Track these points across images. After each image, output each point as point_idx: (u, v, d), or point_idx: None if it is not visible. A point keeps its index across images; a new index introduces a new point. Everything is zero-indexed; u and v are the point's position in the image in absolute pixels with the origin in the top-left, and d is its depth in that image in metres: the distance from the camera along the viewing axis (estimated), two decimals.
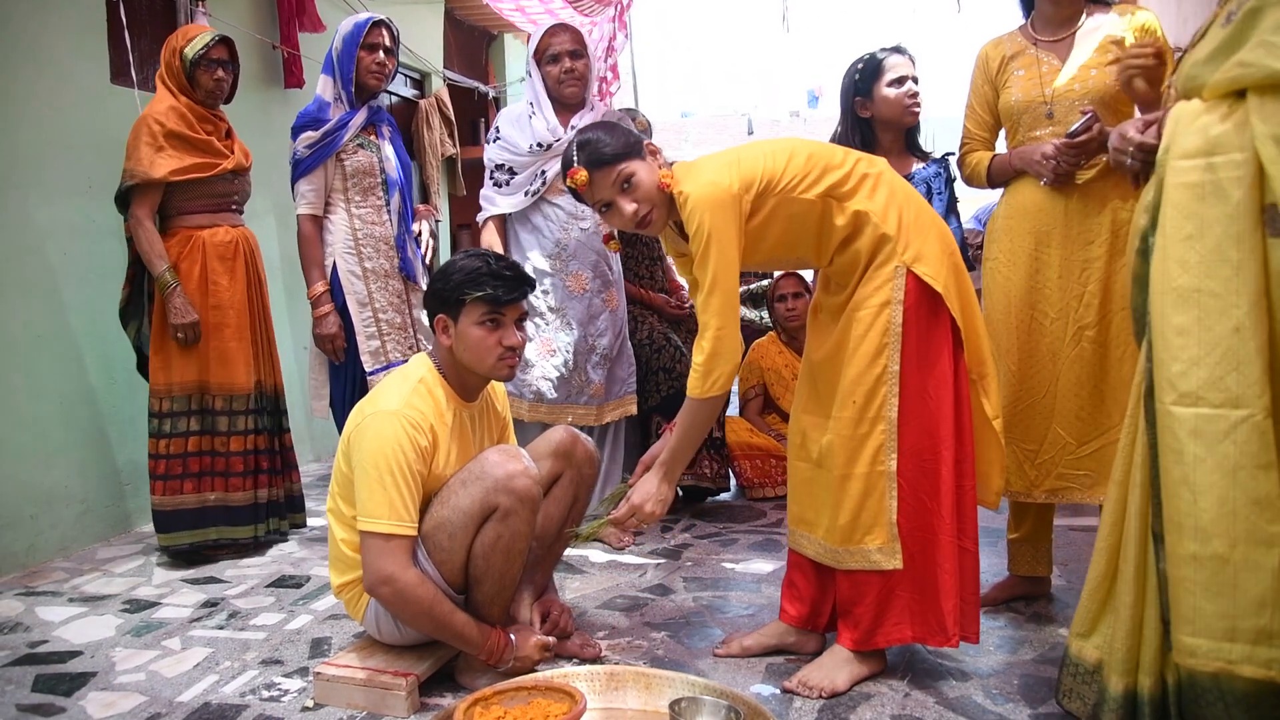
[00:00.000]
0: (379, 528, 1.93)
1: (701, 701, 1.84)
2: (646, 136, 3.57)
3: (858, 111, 2.69)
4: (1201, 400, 1.44)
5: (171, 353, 3.03)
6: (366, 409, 2.04)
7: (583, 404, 3.13)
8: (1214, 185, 1.45)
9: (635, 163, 1.99)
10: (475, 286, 2.03)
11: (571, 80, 3.03)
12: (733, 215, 1.93)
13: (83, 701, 2.08)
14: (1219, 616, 1.42)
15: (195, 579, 2.92)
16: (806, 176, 1.98)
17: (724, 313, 1.94)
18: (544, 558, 2.32)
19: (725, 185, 1.93)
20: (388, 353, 3.09)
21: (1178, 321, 1.48)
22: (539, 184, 3.02)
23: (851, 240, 2.00)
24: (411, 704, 1.98)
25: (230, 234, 3.10)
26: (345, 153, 3.06)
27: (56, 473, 3.20)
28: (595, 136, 2.00)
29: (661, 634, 2.37)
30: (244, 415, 3.09)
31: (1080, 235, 2.30)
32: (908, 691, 2.01)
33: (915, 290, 1.95)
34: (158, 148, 2.93)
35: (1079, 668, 1.73)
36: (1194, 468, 1.44)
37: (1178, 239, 1.48)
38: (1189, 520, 1.45)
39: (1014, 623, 2.38)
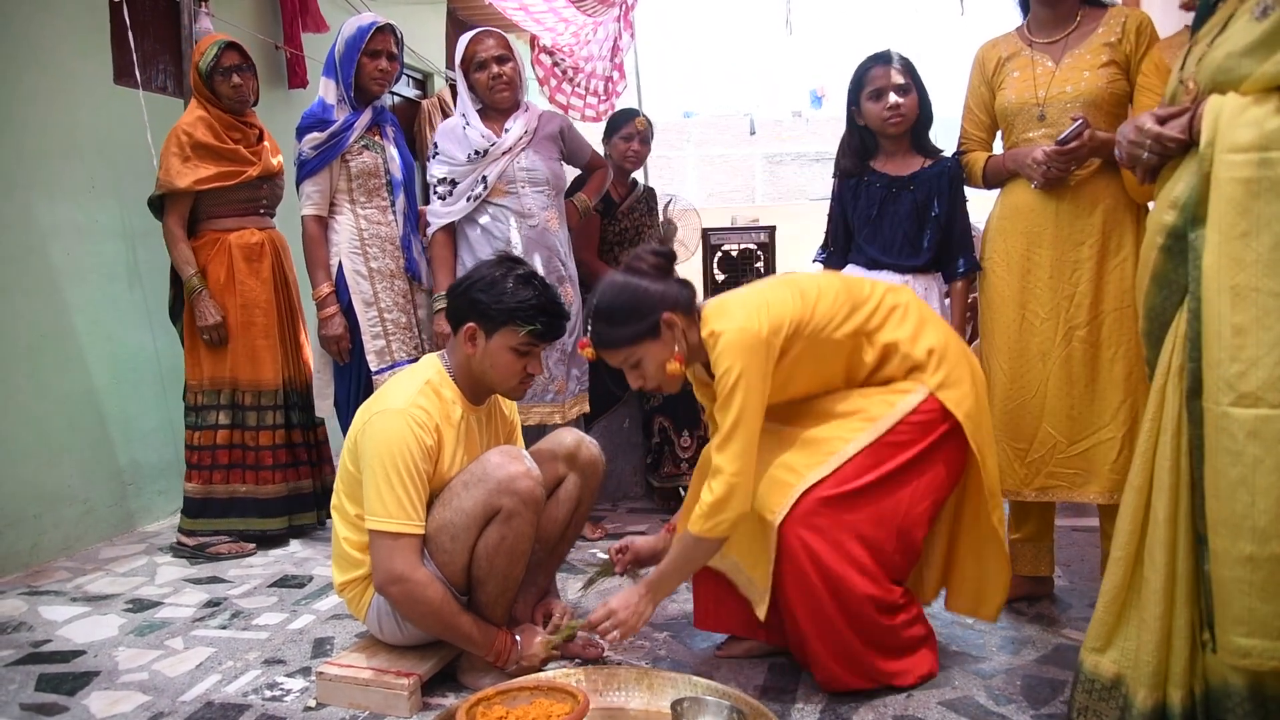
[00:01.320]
0: (388, 526, 1.94)
1: (704, 702, 1.84)
2: (649, 137, 3.59)
3: (855, 120, 2.70)
4: (1260, 401, 1.41)
5: (202, 350, 3.15)
6: (373, 408, 2.05)
7: (548, 401, 3.12)
8: (1270, 181, 1.41)
9: (644, 347, 1.96)
10: (526, 319, 2.03)
11: (501, 85, 3.02)
12: (762, 360, 1.91)
13: (86, 701, 2.09)
14: (1274, 617, 1.41)
15: (198, 579, 2.93)
16: (835, 317, 1.99)
17: (742, 458, 1.89)
18: (547, 559, 2.33)
19: (755, 330, 1.91)
20: (393, 353, 3.09)
21: (1236, 321, 1.44)
22: (480, 188, 3.01)
23: (881, 367, 2.03)
24: (414, 704, 1.98)
25: (257, 235, 3.19)
26: (350, 154, 3.06)
27: (60, 472, 3.21)
28: (606, 316, 1.98)
29: (664, 634, 2.37)
30: (272, 410, 3.19)
31: (1070, 236, 2.31)
32: (910, 692, 2.01)
33: (929, 411, 1.96)
34: (184, 158, 3.05)
35: (1095, 683, 1.67)
36: (1253, 469, 1.41)
37: (1232, 236, 1.44)
38: (1246, 522, 1.42)
39: (1016, 624, 2.38)
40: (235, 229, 3.16)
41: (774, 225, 6.14)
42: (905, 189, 2.65)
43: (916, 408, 1.96)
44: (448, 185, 3.04)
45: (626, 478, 3.79)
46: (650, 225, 3.76)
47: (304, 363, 3.32)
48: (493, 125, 3.06)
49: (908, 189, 2.65)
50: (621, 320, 1.96)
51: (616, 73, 5.39)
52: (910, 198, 2.64)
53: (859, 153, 2.72)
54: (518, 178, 3.04)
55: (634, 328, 1.95)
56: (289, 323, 3.30)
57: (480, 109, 3.09)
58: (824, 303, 1.98)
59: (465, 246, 3.07)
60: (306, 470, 3.30)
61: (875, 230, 2.69)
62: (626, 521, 3.44)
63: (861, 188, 2.70)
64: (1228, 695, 1.49)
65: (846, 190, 2.75)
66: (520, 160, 3.04)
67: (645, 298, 1.96)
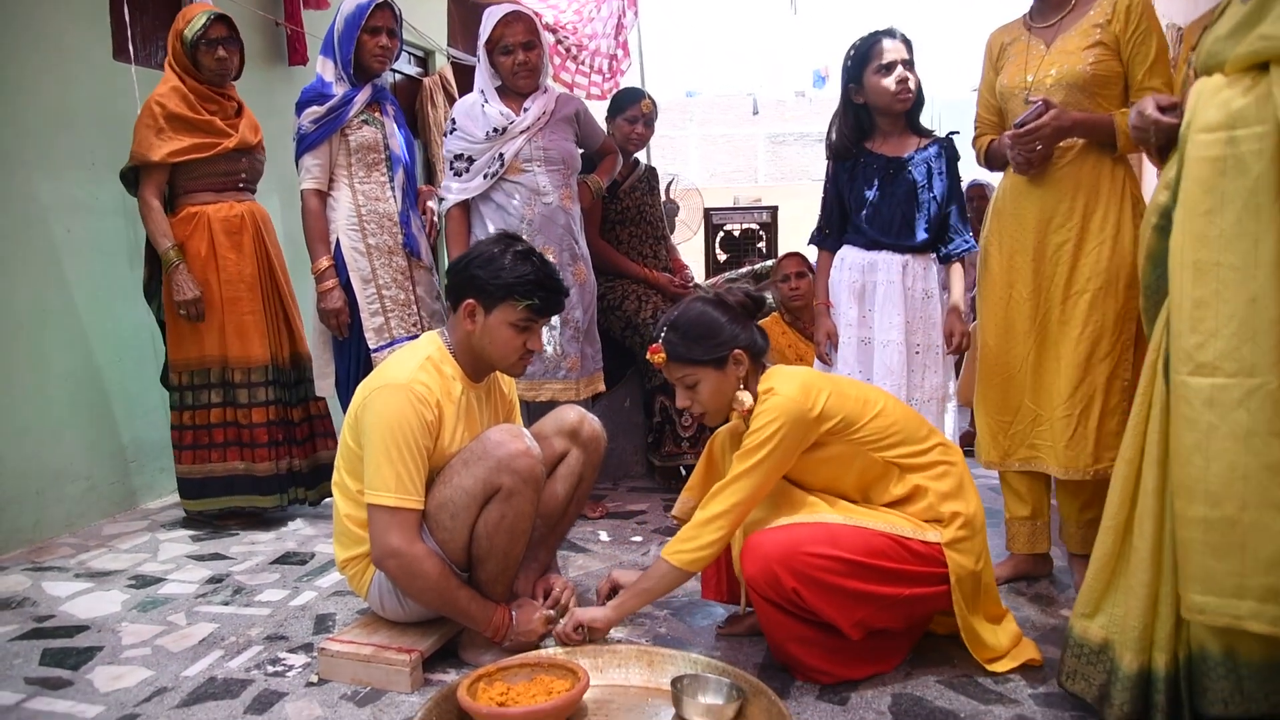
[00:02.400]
0: (386, 501, 1.94)
1: (704, 679, 1.85)
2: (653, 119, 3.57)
3: (852, 98, 2.68)
4: (1218, 370, 1.46)
5: (186, 329, 3.11)
6: (374, 383, 2.05)
7: (560, 378, 3.12)
8: (1235, 159, 1.45)
9: (707, 372, 2.01)
10: (524, 293, 2.03)
11: (525, 72, 3.01)
12: (800, 434, 1.93)
13: (90, 675, 2.10)
14: (1228, 575, 1.46)
15: (200, 555, 2.94)
16: (883, 439, 1.98)
17: (741, 505, 1.93)
18: (548, 536, 2.33)
19: (808, 406, 1.93)
20: (391, 329, 3.08)
21: (1196, 295, 1.49)
22: (497, 165, 3.01)
23: (902, 504, 2.02)
24: (415, 680, 1.99)
25: (236, 209, 3.14)
26: (350, 128, 3.05)
27: (62, 450, 3.22)
28: (685, 329, 2.01)
29: (664, 612, 2.38)
30: (263, 387, 3.16)
31: (1052, 219, 2.36)
32: (909, 671, 2.02)
33: (936, 553, 1.94)
34: (157, 130, 2.99)
35: (1084, 648, 1.74)
36: (1207, 435, 1.47)
37: (1198, 213, 1.49)
38: (1200, 485, 1.48)
39: (1016, 604, 2.38)
40: (214, 203, 3.11)
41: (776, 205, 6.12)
42: (903, 170, 2.64)
43: (928, 542, 1.95)
44: (464, 162, 3.04)
45: (628, 457, 3.80)
46: (652, 205, 3.74)
47: (294, 337, 3.29)
48: (511, 104, 3.05)
49: (905, 170, 2.64)
50: (695, 339, 2.01)
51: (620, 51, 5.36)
52: (908, 178, 2.63)
53: (854, 132, 2.70)
54: (534, 157, 3.04)
55: (705, 352, 2.00)
56: (274, 298, 3.25)
57: (499, 87, 3.08)
58: (881, 420, 1.99)
59: (479, 223, 3.07)
60: (293, 448, 3.26)
61: (874, 211, 2.68)
62: (627, 500, 3.45)
63: (859, 169, 2.69)
64: (1204, 660, 1.56)
65: (842, 171, 2.74)
66: (537, 140, 3.04)
67: (723, 330, 2.02)
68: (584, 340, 3.17)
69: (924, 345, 2.73)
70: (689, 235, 5.77)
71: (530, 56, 3.00)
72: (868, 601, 1.89)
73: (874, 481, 2.01)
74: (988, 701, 1.89)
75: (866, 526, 1.93)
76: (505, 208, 3.04)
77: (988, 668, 1.98)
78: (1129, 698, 1.64)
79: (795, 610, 1.91)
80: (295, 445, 3.27)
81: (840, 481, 2.04)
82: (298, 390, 3.30)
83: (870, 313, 2.73)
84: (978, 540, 1.97)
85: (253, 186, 3.25)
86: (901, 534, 1.93)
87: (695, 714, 1.79)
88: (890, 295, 2.69)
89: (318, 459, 3.34)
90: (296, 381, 3.29)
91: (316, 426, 3.35)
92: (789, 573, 1.86)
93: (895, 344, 2.70)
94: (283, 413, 3.23)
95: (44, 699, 1.99)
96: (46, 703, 1.98)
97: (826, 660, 1.95)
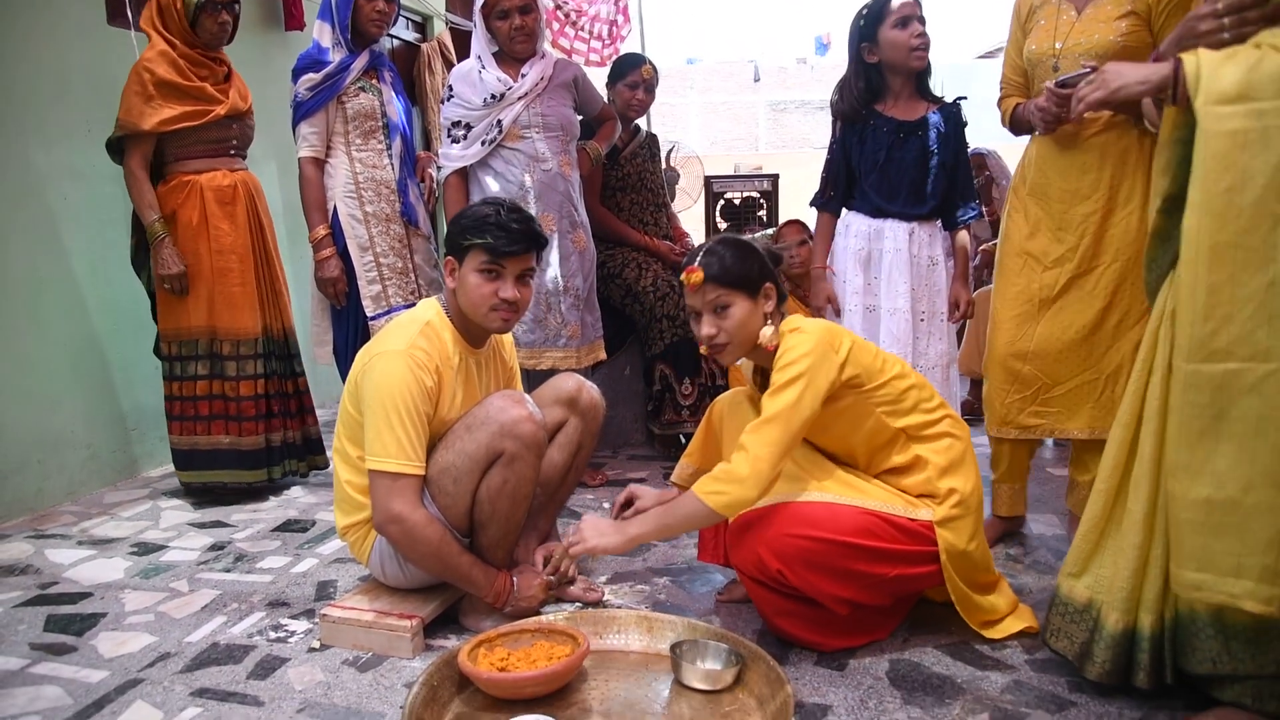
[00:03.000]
0: (387, 466, 1.94)
1: (703, 645, 1.87)
2: (653, 85, 3.54)
3: (864, 57, 2.64)
4: (1231, 355, 1.45)
5: (176, 299, 3.05)
6: (373, 349, 2.05)
7: (561, 347, 3.12)
8: (1260, 132, 1.40)
9: (742, 300, 1.96)
10: (478, 233, 2.02)
11: (522, 37, 2.98)
12: (827, 375, 1.89)
13: (94, 641, 2.12)
14: (1226, 554, 1.48)
15: (202, 523, 2.95)
16: (898, 404, 1.97)
17: (773, 447, 1.84)
18: (548, 504, 2.34)
19: (836, 347, 1.91)
20: (389, 297, 3.07)
21: (1212, 280, 1.46)
22: (495, 132, 2.99)
23: (901, 474, 2.00)
24: (416, 645, 2.01)
25: (229, 178, 3.07)
26: (347, 95, 3.02)
27: (62, 418, 3.22)
28: (724, 254, 1.97)
29: (664, 579, 2.40)
30: (252, 360, 3.10)
31: (1078, 190, 2.32)
32: (906, 637, 2.04)
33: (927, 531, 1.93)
34: (147, 97, 2.90)
35: (1069, 607, 1.76)
36: (1218, 419, 1.47)
37: (1216, 191, 1.44)
38: (1206, 467, 1.48)
39: (1012, 572, 2.40)
40: (206, 171, 3.03)
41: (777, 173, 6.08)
42: (914, 134, 2.61)
43: (920, 520, 1.94)
44: (462, 129, 3.02)
45: (627, 425, 3.80)
46: (653, 172, 3.72)
47: (283, 310, 3.23)
48: (509, 70, 3.02)
49: (916, 134, 2.61)
50: (734, 262, 1.96)
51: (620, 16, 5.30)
52: (918, 143, 2.60)
53: (865, 94, 2.67)
54: (532, 123, 3.01)
55: (742, 276, 1.96)
56: (265, 269, 3.18)
57: (496, 52, 3.05)
58: (899, 383, 1.97)
59: (478, 190, 3.06)
60: (287, 421, 3.22)
61: (882, 176, 2.66)
62: (627, 469, 3.46)
63: (868, 132, 2.66)
64: (1193, 622, 1.59)
65: (851, 134, 2.71)
66: (535, 106, 3.02)
67: (760, 261, 2.00)
68: (584, 308, 3.16)
69: (929, 313, 2.72)
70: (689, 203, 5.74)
71: (527, 21, 2.97)
72: (853, 580, 1.89)
73: (880, 447, 2.01)
74: (984, 667, 1.90)
75: (856, 505, 1.92)
76: (504, 175, 3.03)
77: (984, 634, 1.99)
78: (1110, 655, 1.67)
79: (782, 589, 1.92)
80: (289, 418, 3.23)
81: (849, 441, 2.03)
82: (291, 363, 3.25)
83: (876, 280, 2.72)
84: (971, 519, 1.97)
85: (243, 153, 3.18)
86: (892, 512, 1.93)
87: (694, 679, 1.80)
88: (897, 263, 2.68)
89: (307, 432, 3.31)
90: (288, 354, 3.24)
91: (305, 401, 3.30)
92: (773, 554, 1.86)
93: (902, 311, 2.69)
94: (278, 385, 3.19)
95: (49, 664, 2.01)
96: (51, 668, 1.99)
97: (815, 633, 1.96)
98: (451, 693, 1.78)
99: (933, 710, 1.74)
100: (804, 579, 1.86)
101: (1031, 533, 2.67)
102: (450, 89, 3.05)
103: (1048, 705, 1.74)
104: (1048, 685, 1.82)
